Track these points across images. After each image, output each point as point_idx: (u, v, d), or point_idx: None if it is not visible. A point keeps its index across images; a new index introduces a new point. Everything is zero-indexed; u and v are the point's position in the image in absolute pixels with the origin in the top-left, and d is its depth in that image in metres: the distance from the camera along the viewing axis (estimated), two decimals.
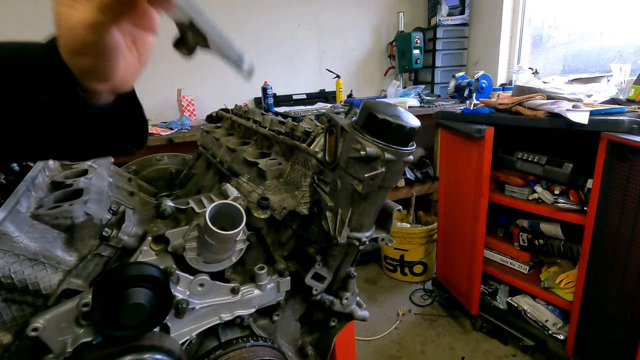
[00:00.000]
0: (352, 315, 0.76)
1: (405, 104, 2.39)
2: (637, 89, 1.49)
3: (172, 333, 0.57)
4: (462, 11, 2.88)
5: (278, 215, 0.62)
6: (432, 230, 2.32)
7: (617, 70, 1.71)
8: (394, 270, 2.44)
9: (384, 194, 0.58)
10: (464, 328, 1.96)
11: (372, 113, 0.50)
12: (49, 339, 0.47)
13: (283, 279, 0.65)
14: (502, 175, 1.72)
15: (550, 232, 1.62)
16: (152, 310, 0.47)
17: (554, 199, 1.53)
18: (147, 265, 0.50)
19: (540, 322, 1.65)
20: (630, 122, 1.20)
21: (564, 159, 1.52)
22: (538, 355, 1.71)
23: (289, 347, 0.74)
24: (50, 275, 0.49)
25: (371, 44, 3.11)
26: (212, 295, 0.59)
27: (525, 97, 1.50)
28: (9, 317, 0.47)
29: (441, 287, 2.13)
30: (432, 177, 2.67)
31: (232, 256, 0.61)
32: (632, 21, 2.05)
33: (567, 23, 2.42)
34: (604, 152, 1.24)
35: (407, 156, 0.53)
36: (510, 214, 1.82)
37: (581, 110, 1.31)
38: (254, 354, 0.60)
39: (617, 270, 1.28)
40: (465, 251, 1.84)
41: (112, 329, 0.46)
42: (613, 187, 1.25)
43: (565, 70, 2.46)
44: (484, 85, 2.32)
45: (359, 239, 0.60)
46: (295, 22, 2.83)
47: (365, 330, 1.96)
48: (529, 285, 1.69)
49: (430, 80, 3.01)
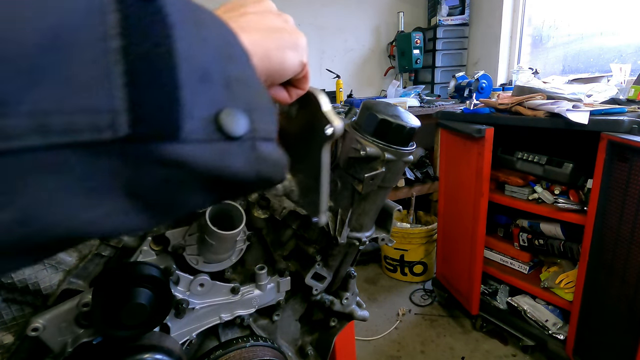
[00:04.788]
0: (352, 315, 0.76)
1: (405, 104, 2.39)
2: (637, 89, 1.49)
3: (172, 333, 0.57)
4: (462, 11, 2.88)
5: (278, 215, 0.62)
6: (432, 230, 2.32)
7: (617, 70, 1.71)
8: (394, 270, 2.44)
9: (384, 194, 0.58)
10: (464, 328, 1.96)
11: (372, 113, 0.50)
12: (49, 339, 0.47)
13: (283, 279, 0.65)
14: (502, 175, 1.72)
15: (550, 232, 1.62)
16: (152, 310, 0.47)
17: (554, 199, 1.53)
18: (147, 265, 0.50)
19: (540, 322, 1.65)
20: (630, 122, 1.20)
21: (564, 159, 1.52)
22: (538, 355, 1.71)
23: (289, 347, 0.74)
24: (50, 275, 0.49)
25: (371, 44, 3.11)
26: (212, 295, 0.59)
27: (525, 97, 1.50)
28: (9, 317, 0.47)
29: (441, 287, 2.13)
30: (432, 177, 2.66)
31: (232, 256, 0.61)
32: (632, 21, 2.05)
33: (567, 23, 2.42)
34: (604, 152, 1.24)
35: (407, 156, 0.53)
36: (510, 214, 1.82)
37: (581, 110, 1.31)
38: (254, 354, 0.60)
39: (617, 270, 1.28)
40: (465, 251, 1.84)
41: (112, 329, 0.46)
42: (613, 187, 1.25)
43: (565, 70, 2.46)
44: (484, 85, 2.32)
45: (359, 239, 0.60)
46: (295, 22, 2.81)
47: (365, 330, 1.96)
48: (529, 285, 1.69)
49: (430, 80, 3.01)
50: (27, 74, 0.14)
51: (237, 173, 0.21)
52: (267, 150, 0.22)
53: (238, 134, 0.20)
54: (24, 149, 0.14)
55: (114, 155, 0.16)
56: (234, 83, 0.21)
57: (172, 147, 0.17)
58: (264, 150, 0.22)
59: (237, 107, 0.20)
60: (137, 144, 0.17)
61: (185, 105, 0.18)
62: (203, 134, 0.19)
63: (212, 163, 0.19)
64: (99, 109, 0.15)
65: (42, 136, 0.14)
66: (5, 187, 0.14)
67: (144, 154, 0.17)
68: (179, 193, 0.19)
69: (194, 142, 0.18)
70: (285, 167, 0.25)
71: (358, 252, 0.70)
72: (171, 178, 0.18)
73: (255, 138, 0.21)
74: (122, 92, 0.16)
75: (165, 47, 0.17)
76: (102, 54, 0.16)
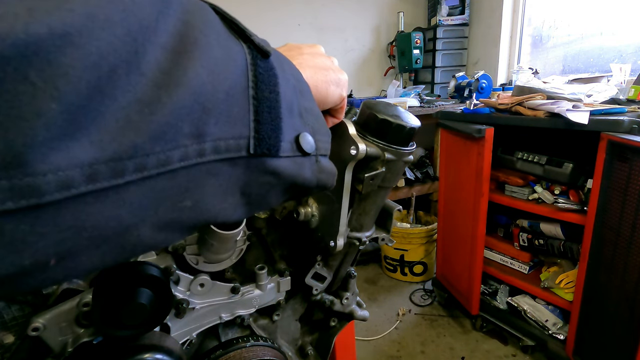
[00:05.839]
0: (353, 315, 0.76)
1: (405, 104, 2.39)
2: (637, 89, 1.49)
3: (173, 333, 0.57)
4: (462, 11, 2.88)
5: (278, 215, 0.62)
6: (432, 230, 2.32)
7: (617, 70, 1.71)
8: (394, 270, 2.44)
9: (384, 194, 0.58)
10: (464, 328, 1.96)
11: (372, 113, 0.50)
12: (49, 339, 0.47)
13: (283, 279, 0.65)
14: (502, 175, 1.72)
15: (550, 232, 1.62)
16: (152, 310, 0.47)
17: (554, 199, 1.53)
18: (147, 265, 0.50)
19: (540, 322, 1.65)
20: (630, 122, 1.20)
21: (564, 159, 1.52)
22: (538, 355, 1.71)
23: (289, 347, 0.74)
24: None
25: (371, 44, 3.11)
26: (213, 295, 0.59)
27: (525, 97, 1.50)
28: (10, 316, 0.47)
29: (441, 287, 2.13)
30: (432, 177, 2.66)
31: (233, 256, 0.61)
32: (632, 21, 2.05)
33: (567, 23, 2.42)
34: (604, 152, 1.24)
35: (407, 156, 0.53)
36: (510, 214, 1.82)
37: (581, 110, 1.31)
38: (254, 353, 0.60)
39: (617, 270, 1.28)
40: (465, 251, 1.84)
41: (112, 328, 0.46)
42: (613, 187, 1.25)
43: (565, 70, 2.46)
44: (484, 85, 2.32)
45: (359, 239, 0.60)
46: (295, 22, 2.83)
47: (365, 330, 1.96)
48: (529, 285, 1.69)
49: (430, 80, 3.01)
50: (215, 117, 0.21)
51: (305, 179, 0.28)
52: (325, 163, 0.31)
53: (309, 152, 0.27)
54: (206, 162, 0.21)
55: (241, 166, 0.23)
56: (304, 112, 0.28)
57: (273, 161, 0.25)
58: (323, 163, 0.30)
59: (307, 131, 0.28)
60: (256, 158, 0.24)
61: (282, 132, 0.25)
62: (290, 152, 0.26)
63: (293, 172, 0.27)
64: (241, 136, 0.23)
65: (216, 154, 0.21)
66: (190, 186, 0.21)
67: (257, 166, 0.24)
68: (268, 194, 0.26)
69: (285, 157, 0.26)
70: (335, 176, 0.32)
71: (358, 252, 0.70)
72: (268, 182, 0.25)
73: (318, 154, 0.29)
74: (253, 124, 0.23)
75: (275, 92, 0.25)
76: (245, 99, 0.23)
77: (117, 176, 0.17)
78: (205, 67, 0.20)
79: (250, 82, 0.23)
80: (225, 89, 0.21)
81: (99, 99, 0.16)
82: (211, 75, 0.21)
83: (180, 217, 0.21)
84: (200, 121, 0.20)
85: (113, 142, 0.17)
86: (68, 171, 0.16)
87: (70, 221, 0.16)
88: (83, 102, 0.16)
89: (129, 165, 0.17)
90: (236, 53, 0.23)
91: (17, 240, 0.15)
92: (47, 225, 0.16)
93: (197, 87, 0.20)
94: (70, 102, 0.15)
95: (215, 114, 0.21)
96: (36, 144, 0.15)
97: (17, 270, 0.16)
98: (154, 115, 0.18)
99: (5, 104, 0.14)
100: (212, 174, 0.21)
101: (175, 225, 0.21)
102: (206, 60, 0.20)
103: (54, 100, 0.15)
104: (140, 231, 0.19)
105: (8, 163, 0.14)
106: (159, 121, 0.18)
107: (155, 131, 0.18)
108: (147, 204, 0.19)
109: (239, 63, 0.23)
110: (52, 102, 0.15)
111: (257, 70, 0.24)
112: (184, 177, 0.20)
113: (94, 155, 0.16)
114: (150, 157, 0.18)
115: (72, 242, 0.17)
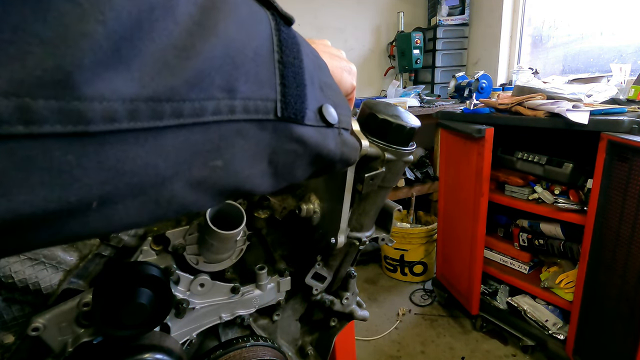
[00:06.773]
0: (353, 315, 0.76)
1: (405, 104, 2.39)
2: (637, 89, 1.49)
3: (173, 333, 0.57)
4: (462, 11, 2.88)
5: (278, 215, 0.62)
6: (432, 230, 2.32)
7: (617, 70, 1.71)
8: (394, 270, 2.44)
9: (384, 194, 0.58)
10: (464, 328, 1.96)
11: (373, 113, 0.50)
12: (49, 339, 0.47)
13: (283, 279, 0.65)
14: (502, 175, 1.72)
15: (550, 232, 1.62)
16: (152, 310, 0.48)
17: (554, 199, 1.53)
18: (147, 265, 0.50)
19: (540, 322, 1.66)
20: (630, 122, 1.20)
21: (564, 159, 1.52)
22: (538, 355, 1.71)
23: (289, 347, 0.74)
24: (50, 275, 0.49)
25: (371, 44, 3.11)
26: (213, 295, 0.59)
27: (525, 97, 1.51)
28: (10, 316, 0.47)
29: (441, 287, 2.13)
30: (432, 177, 2.67)
31: (233, 256, 0.61)
32: (632, 21, 2.05)
33: (567, 23, 2.42)
34: (604, 152, 1.25)
35: (408, 156, 0.53)
36: (510, 214, 1.82)
37: (581, 110, 1.31)
38: (254, 353, 0.60)
39: (617, 270, 1.28)
40: (465, 251, 1.84)
41: (112, 328, 0.46)
42: (613, 187, 1.25)
43: (565, 70, 2.46)
44: (484, 85, 2.32)
45: (359, 239, 0.60)
46: (295, 22, 2.82)
47: (365, 330, 1.96)
48: (529, 285, 1.70)
49: (430, 80, 3.01)
50: (244, 74, 0.21)
51: (330, 151, 0.28)
52: (347, 137, 0.31)
53: (332, 123, 0.27)
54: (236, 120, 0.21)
55: (269, 130, 0.23)
56: (324, 86, 0.28)
57: (299, 128, 0.25)
58: (346, 137, 0.31)
59: (329, 103, 0.28)
60: (283, 122, 0.24)
61: (307, 99, 0.25)
62: (314, 121, 0.26)
63: (318, 142, 0.27)
64: (269, 98, 0.23)
65: (245, 113, 0.21)
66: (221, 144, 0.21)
67: (284, 131, 0.24)
68: (295, 164, 0.26)
69: (310, 126, 0.26)
70: (358, 150, 0.33)
71: (358, 252, 0.70)
72: (294, 150, 0.25)
73: (340, 127, 0.29)
74: (279, 87, 0.23)
75: (299, 59, 0.25)
76: (271, 62, 0.23)
77: (155, 118, 0.17)
78: (234, 23, 0.21)
79: (275, 46, 0.24)
80: (253, 47, 0.22)
81: (139, 35, 0.16)
82: (240, 32, 0.21)
83: (211, 177, 0.21)
84: (231, 76, 0.20)
85: (152, 81, 0.17)
86: (112, 102, 0.16)
87: (112, 160, 0.16)
88: (125, 33, 0.16)
89: (166, 108, 0.18)
90: (262, 16, 0.24)
91: (64, 172, 0.15)
92: (91, 160, 0.16)
93: (228, 40, 0.20)
94: (114, 29, 0.15)
95: (244, 71, 0.21)
96: (84, 65, 0.14)
97: (63, 206, 0.16)
98: (190, 60, 0.18)
99: (54, 20, 0.14)
100: (241, 134, 0.22)
101: (206, 186, 0.21)
102: (235, 17, 0.21)
103: (99, 24, 0.15)
104: (175, 186, 0.20)
105: (58, 81, 0.14)
106: (194, 67, 0.18)
107: (191, 77, 0.18)
108: (182, 157, 0.19)
109: (265, 26, 0.23)
110: (97, 25, 0.15)
111: (281, 36, 0.24)
112: (216, 132, 0.20)
113: (135, 91, 0.16)
114: (186, 104, 0.18)
115: (113, 185, 0.17)
